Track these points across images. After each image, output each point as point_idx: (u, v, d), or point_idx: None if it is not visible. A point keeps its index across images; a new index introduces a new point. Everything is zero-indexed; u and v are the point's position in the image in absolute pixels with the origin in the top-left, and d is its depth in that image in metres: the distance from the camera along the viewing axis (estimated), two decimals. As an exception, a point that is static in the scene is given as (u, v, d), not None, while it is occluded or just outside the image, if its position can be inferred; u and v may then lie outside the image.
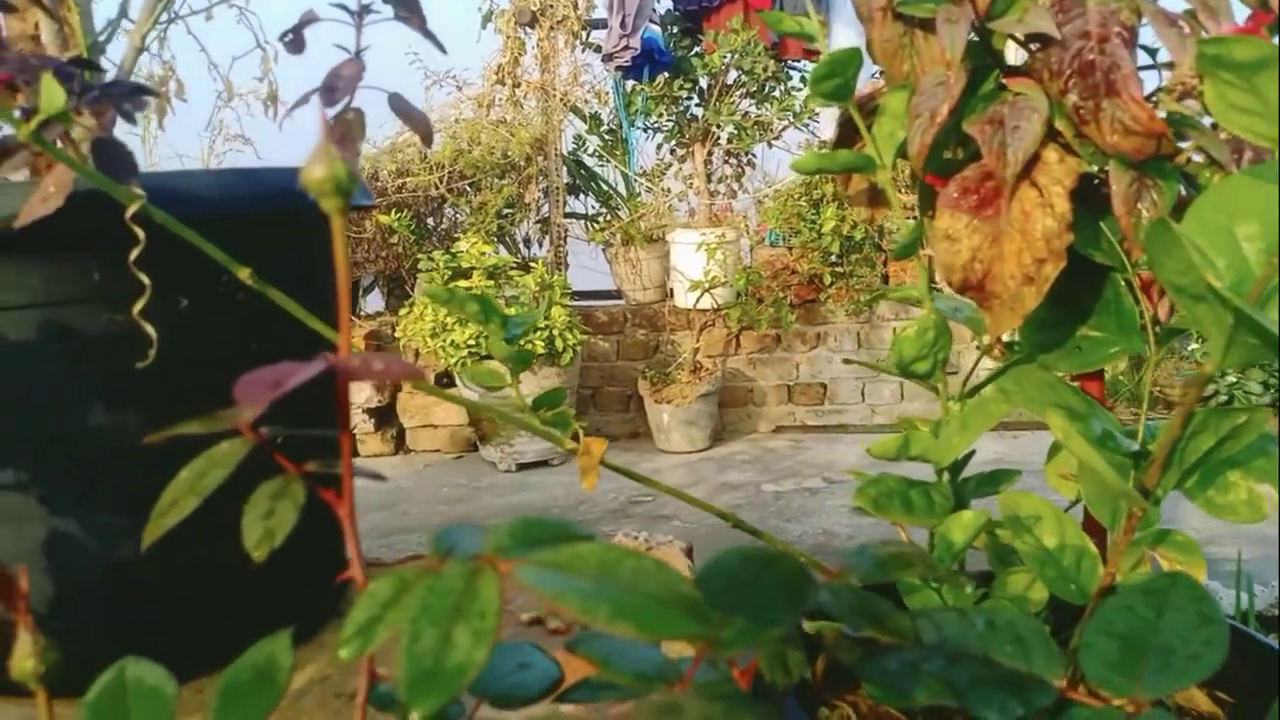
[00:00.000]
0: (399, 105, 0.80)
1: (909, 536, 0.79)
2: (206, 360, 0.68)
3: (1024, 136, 0.67)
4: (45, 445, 0.65)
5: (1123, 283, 0.74)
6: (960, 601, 0.68)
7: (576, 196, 4.09)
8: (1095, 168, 0.72)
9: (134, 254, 0.58)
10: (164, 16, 0.91)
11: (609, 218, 3.96)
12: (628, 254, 3.82)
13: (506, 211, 3.84)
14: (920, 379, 0.77)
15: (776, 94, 3.80)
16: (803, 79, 3.90)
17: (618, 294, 3.98)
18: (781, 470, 3.40)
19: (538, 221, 3.98)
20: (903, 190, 3.80)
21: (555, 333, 3.51)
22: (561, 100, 3.88)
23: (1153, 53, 0.74)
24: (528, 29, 3.89)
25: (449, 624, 0.32)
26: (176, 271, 0.62)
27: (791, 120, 3.77)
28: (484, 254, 3.55)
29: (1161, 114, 0.67)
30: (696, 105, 3.84)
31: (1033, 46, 0.70)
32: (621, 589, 0.31)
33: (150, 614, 0.67)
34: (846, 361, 0.93)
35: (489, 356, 3.76)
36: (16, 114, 0.50)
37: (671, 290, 3.86)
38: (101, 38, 0.89)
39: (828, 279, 3.59)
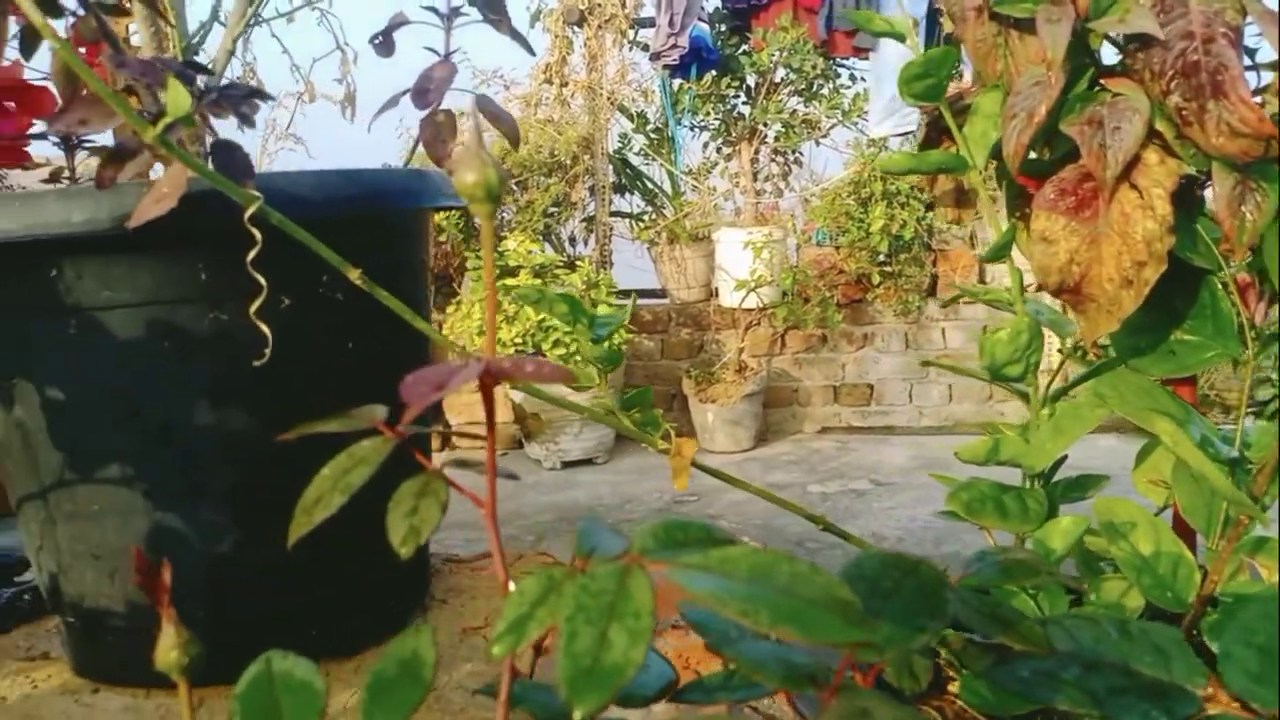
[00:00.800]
0: (486, 106, 0.80)
1: (994, 540, 0.78)
2: (308, 359, 0.69)
3: (1125, 138, 0.66)
4: (153, 441, 0.66)
5: (1219, 286, 0.73)
6: (1057, 609, 0.67)
7: (622, 195, 4.10)
8: (1194, 169, 0.71)
9: (252, 254, 0.59)
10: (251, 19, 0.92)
11: (654, 216, 3.96)
12: (673, 253, 3.81)
13: (553, 210, 3.86)
14: (1011, 382, 0.76)
15: (825, 92, 3.78)
16: (851, 77, 3.87)
17: (662, 293, 3.98)
18: (827, 471, 3.38)
19: (583, 220, 3.99)
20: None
21: (601, 331, 3.52)
22: (608, 99, 3.89)
23: (1251, 53, 0.73)
24: (575, 28, 3.90)
25: (604, 623, 0.32)
26: (279, 271, 0.63)
27: (840, 118, 3.75)
28: (530, 252, 3.56)
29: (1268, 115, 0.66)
30: (744, 103, 3.82)
31: (1132, 47, 0.69)
32: (779, 592, 0.31)
33: (250, 608, 0.69)
34: (926, 363, 0.93)
35: (537, 352, 3.78)
36: (142, 116, 0.51)
37: (716, 289, 3.85)
38: (194, 40, 0.90)
39: (876, 278, 3.56)
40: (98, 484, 0.68)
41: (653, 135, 4.00)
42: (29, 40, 0.79)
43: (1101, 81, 0.71)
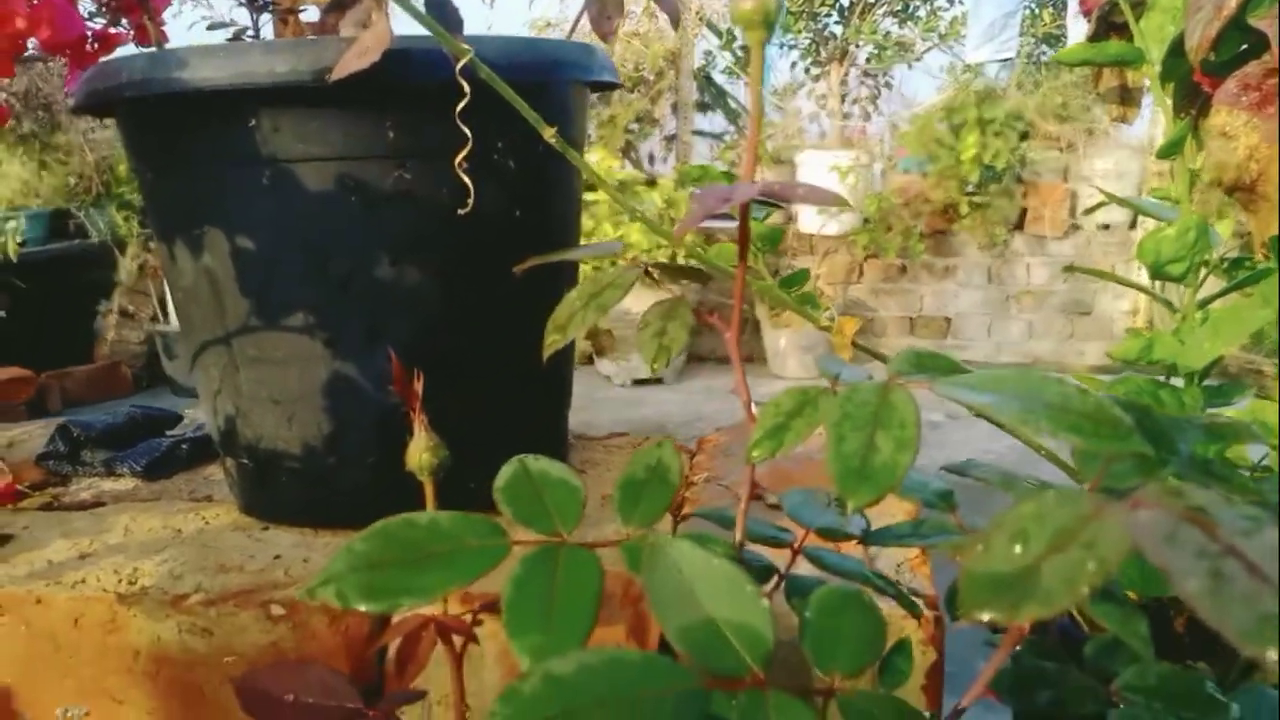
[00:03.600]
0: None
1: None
2: (479, 224, 0.71)
3: (1323, 30, 0.64)
4: (335, 293, 0.69)
5: None
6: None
7: (704, 114, 4.05)
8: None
9: (460, 105, 0.60)
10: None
11: (736, 136, 3.91)
12: (753, 175, 3.77)
13: (634, 126, 3.83)
14: (1173, 280, 0.76)
15: (921, 14, 3.67)
16: (950, -1, 3.76)
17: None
18: (901, 401, 3.37)
19: (665, 138, 3.95)
20: (1049, 119, 3.66)
21: (680, 253, 3.52)
22: (697, 14, 3.82)
23: None
24: (667, -61, 3.82)
25: (870, 431, 0.34)
26: (454, 137, 0.65)
27: (936, 41, 3.64)
28: (611, 168, 3.56)
29: None
30: (836, 23, 3.73)
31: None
32: (1053, 407, 0.32)
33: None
34: (1069, 269, 0.92)
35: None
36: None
37: (796, 214, 3.81)
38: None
39: (963, 209, 3.50)
40: (281, 331, 0.71)
41: (739, 53, 3.93)
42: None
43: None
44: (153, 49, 0.78)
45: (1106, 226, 3.57)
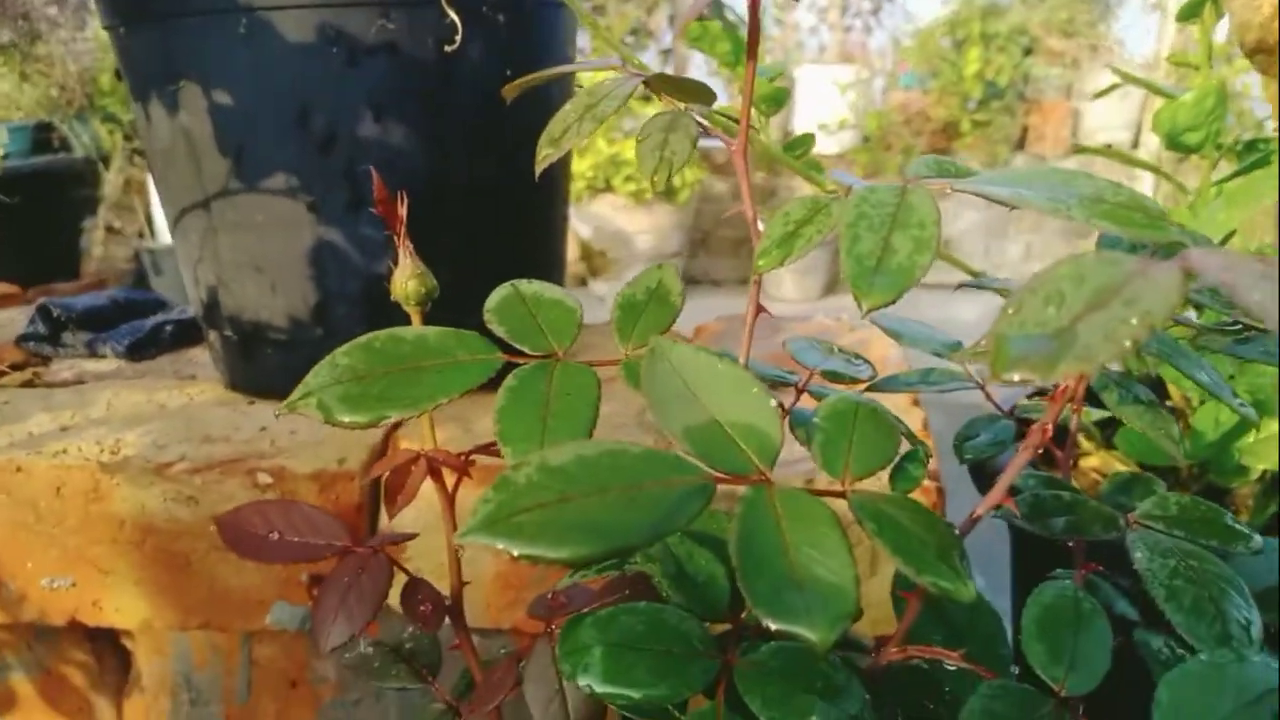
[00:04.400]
0: None
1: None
2: (467, 80, 0.68)
3: None
4: (316, 153, 0.66)
5: None
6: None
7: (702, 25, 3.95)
8: None
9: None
10: None
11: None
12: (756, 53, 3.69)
13: (629, 39, 3.74)
14: (1189, 151, 0.73)
15: (925, -76, 3.56)
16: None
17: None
18: (896, 321, 3.35)
19: (661, 52, 3.86)
20: (1054, 34, 3.58)
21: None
22: (695, -77, 3.70)
23: None
24: None
25: (886, 232, 0.32)
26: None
27: (940, -48, 3.54)
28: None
29: None
30: (837, -67, 3.62)
31: None
32: (1085, 197, 0.30)
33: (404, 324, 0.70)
34: (1081, 149, 0.88)
35: (607, 189, 3.73)
36: None
37: (792, 132, 3.74)
38: None
39: (965, 127, 3.43)
40: (262, 194, 0.68)
41: (738, -35, 3.82)
42: None
43: None
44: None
45: (1109, 146, 3.51)
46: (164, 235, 3.39)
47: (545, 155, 0.38)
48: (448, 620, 0.41)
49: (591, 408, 0.33)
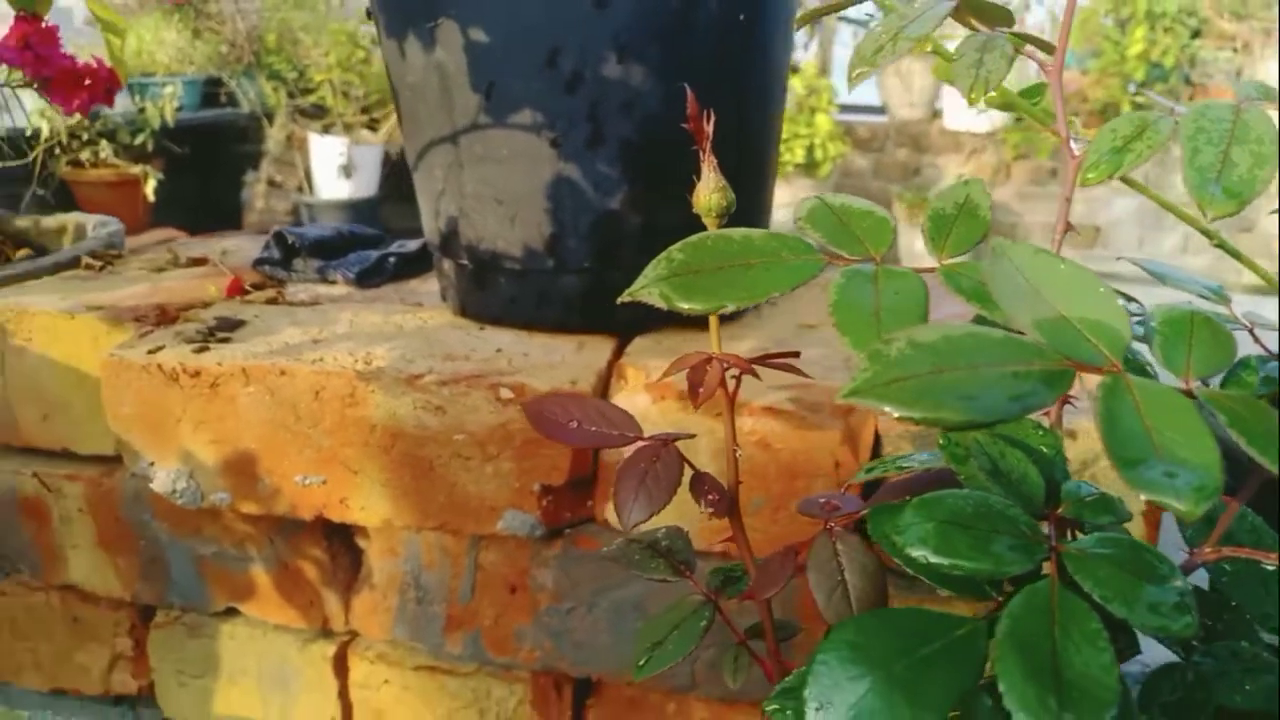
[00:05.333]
0: None
1: None
2: (705, 23, 0.70)
3: None
4: (562, 91, 0.70)
5: None
6: None
7: None
8: None
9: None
10: None
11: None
12: (898, 66, 3.63)
13: None
14: None
15: (1095, -106, 3.42)
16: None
17: (881, 109, 3.82)
18: (1039, 306, 3.26)
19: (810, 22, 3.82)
20: (1225, 16, 3.40)
21: (817, 142, 3.43)
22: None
23: None
24: None
25: (1225, 146, 0.33)
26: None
27: (1109, -75, 3.40)
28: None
29: None
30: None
31: None
32: None
33: (629, 261, 0.73)
34: None
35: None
36: None
37: (941, 109, 3.67)
38: None
39: (1125, 109, 3.30)
40: (509, 129, 0.72)
41: (892, -63, 3.74)
42: None
43: None
44: None
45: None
46: (322, 190, 3.55)
47: (859, 73, 0.40)
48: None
49: (920, 305, 0.35)
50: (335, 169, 3.49)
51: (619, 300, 0.38)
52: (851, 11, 2.83)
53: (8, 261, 1.02)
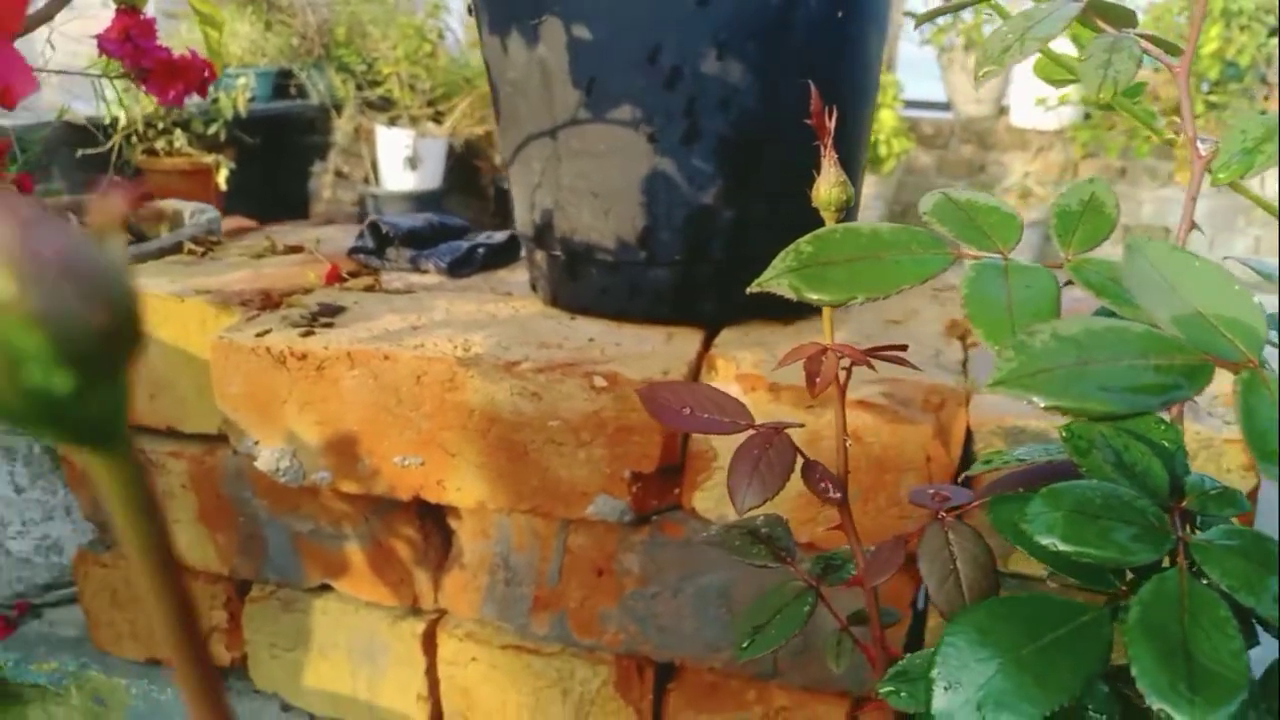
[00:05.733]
0: None
1: None
2: (802, 24, 0.71)
3: None
4: (661, 87, 0.71)
5: None
6: None
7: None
8: None
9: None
10: None
11: (952, 18, 3.71)
12: (966, 61, 3.59)
13: None
14: None
15: (1172, -111, 3.35)
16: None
17: (946, 105, 3.78)
18: (1105, 308, 3.21)
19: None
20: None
21: (881, 138, 3.41)
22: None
23: None
24: None
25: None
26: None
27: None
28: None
29: None
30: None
31: None
32: None
33: (720, 254, 0.75)
34: None
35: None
36: None
37: (1008, 106, 3.62)
38: None
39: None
40: (607, 124, 0.74)
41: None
42: None
43: None
44: None
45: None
46: (387, 182, 3.61)
47: (986, 71, 0.41)
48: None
49: (1052, 299, 0.36)
50: (401, 161, 3.55)
51: (748, 290, 0.39)
52: (918, 4, 2.77)
53: (111, 246, 1.06)
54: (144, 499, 0.12)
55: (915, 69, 3.74)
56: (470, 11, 0.81)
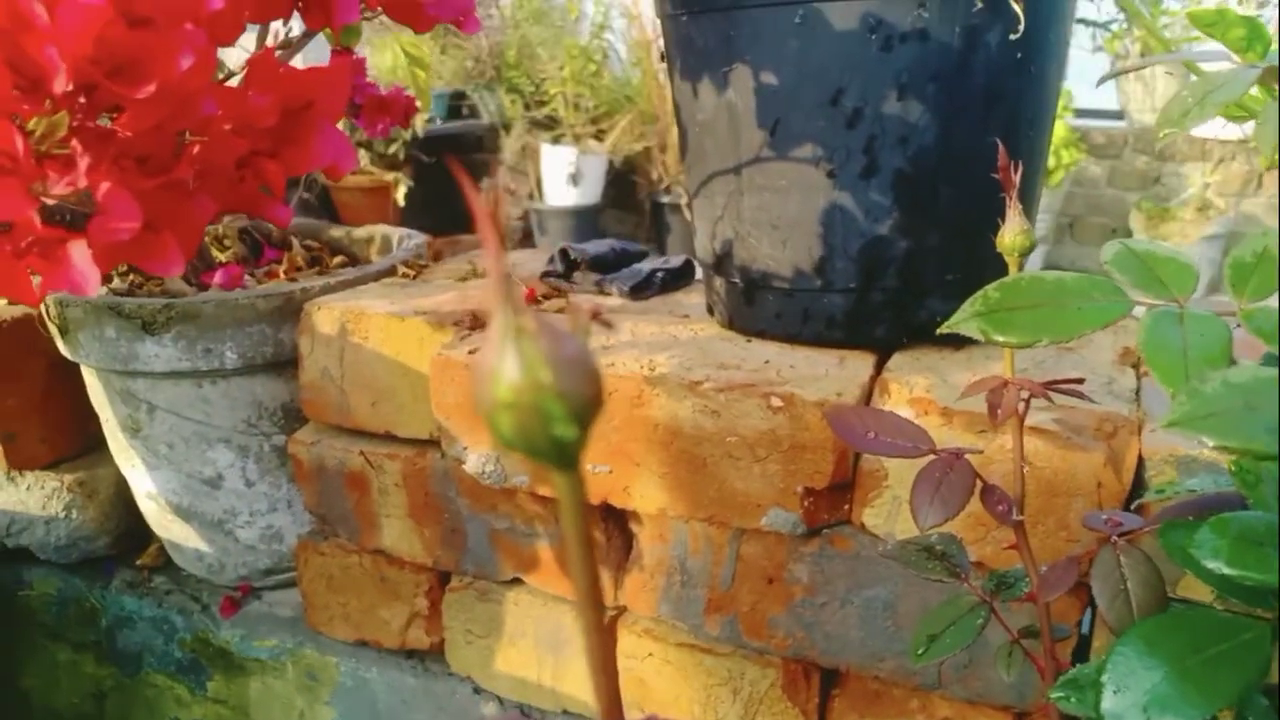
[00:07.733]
0: None
1: None
2: (980, 65, 0.75)
3: None
4: (842, 127, 0.76)
5: None
6: None
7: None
8: None
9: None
10: None
11: (1125, 24, 3.57)
12: (1141, 70, 3.45)
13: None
14: None
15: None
16: None
17: (1119, 114, 3.64)
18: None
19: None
20: None
21: (1052, 149, 3.32)
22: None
23: None
24: None
25: None
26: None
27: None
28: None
29: None
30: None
31: None
32: None
33: (893, 284, 0.78)
34: None
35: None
36: None
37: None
38: None
39: None
40: (790, 161, 0.79)
41: (1138, -65, 3.56)
42: None
43: None
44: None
45: None
46: (550, 197, 3.78)
47: (1166, 134, 0.45)
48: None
49: (1225, 346, 0.39)
50: (564, 177, 3.70)
51: (938, 332, 0.44)
52: (1090, 12, 2.71)
53: (326, 268, 1.19)
54: (582, 501, 0.18)
55: (1086, 77, 3.61)
56: (662, 59, 0.88)
